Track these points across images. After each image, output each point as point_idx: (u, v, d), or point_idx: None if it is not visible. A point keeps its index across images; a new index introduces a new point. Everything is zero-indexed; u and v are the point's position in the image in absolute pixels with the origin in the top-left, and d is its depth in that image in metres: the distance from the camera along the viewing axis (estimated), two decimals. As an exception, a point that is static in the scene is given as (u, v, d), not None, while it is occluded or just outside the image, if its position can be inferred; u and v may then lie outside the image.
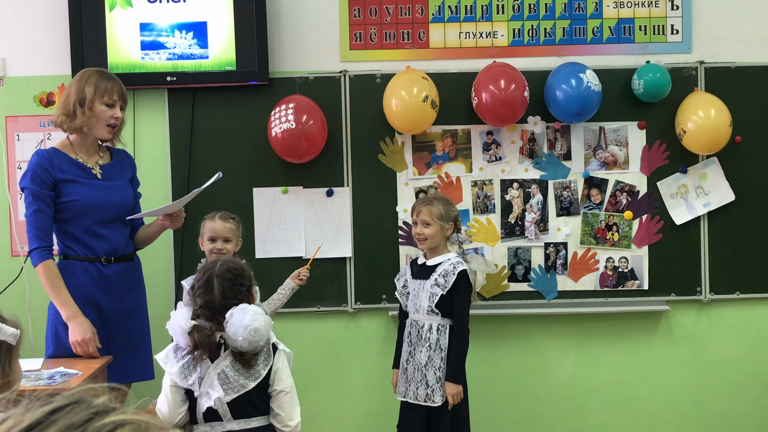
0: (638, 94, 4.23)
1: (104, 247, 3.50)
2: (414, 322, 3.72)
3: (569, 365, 4.43)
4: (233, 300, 2.75)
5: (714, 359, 4.43)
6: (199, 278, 2.82)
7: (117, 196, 3.55)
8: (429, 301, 3.64)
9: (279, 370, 2.77)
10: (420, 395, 3.66)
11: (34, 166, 3.39)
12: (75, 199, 3.42)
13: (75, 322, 3.33)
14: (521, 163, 4.32)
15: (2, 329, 2.19)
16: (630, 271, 4.34)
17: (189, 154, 4.25)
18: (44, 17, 4.24)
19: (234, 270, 2.81)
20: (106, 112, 3.45)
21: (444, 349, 3.64)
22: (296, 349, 4.21)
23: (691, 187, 4.33)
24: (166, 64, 4.18)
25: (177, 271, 4.24)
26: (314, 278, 4.25)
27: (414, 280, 3.76)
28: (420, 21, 4.32)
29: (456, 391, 3.62)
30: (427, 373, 3.64)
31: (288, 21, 4.30)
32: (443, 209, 3.69)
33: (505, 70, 4.13)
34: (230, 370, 2.71)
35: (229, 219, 3.72)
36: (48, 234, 3.39)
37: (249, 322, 2.65)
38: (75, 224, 3.45)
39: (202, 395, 2.70)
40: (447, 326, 3.66)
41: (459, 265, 3.65)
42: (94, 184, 3.48)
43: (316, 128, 4.10)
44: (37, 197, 3.36)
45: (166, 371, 2.76)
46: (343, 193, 4.30)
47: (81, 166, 3.47)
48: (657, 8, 4.34)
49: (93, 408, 0.97)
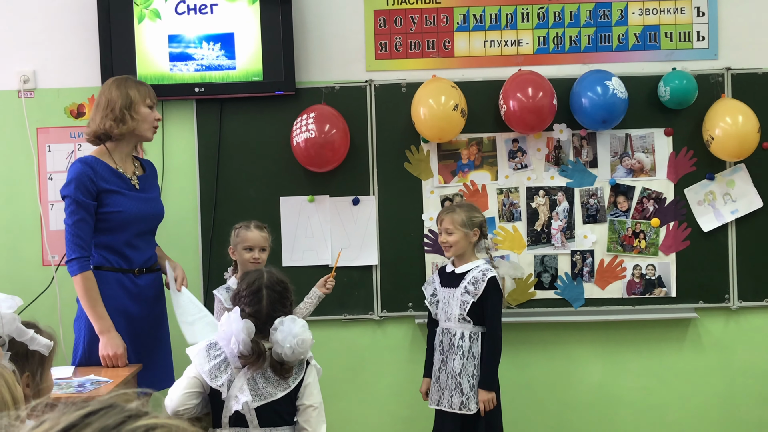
0: (664, 101, 4.22)
1: (139, 259, 3.52)
2: (446, 331, 3.73)
3: (597, 373, 4.42)
4: (280, 312, 2.81)
5: (743, 367, 4.40)
6: (247, 287, 2.84)
7: (155, 209, 3.61)
8: (460, 309, 3.65)
9: (310, 384, 2.80)
10: (455, 403, 3.67)
11: (78, 175, 3.37)
12: (119, 210, 3.43)
13: (107, 337, 3.35)
14: (547, 170, 4.32)
15: (37, 339, 2.23)
16: (657, 278, 4.32)
17: (217, 164, 4.30)
18: (74, 30, 4.31)
19: (282, 283, 2.88)
20: (150, 114, 3.53)
21: (477, 357, 3.65)
22: (323, 357, 4.23)
23: (719, 194, 4.30)
24: (194, 76, 4.23)
25: (205, 280, 4.28)
26: (340, 286, 4.27)
27: (443, 288, 3.77)
28: (445, 30, 4.34)
29: (489, 398, 3.62)
30: (462, 381, 3.65)
31: (314, 31, 4.34)
32: (466, 216, 3.70)
33: (532, 78, 4.14)
34: (260, 377, 2.74)
35: (263, 228, 3.76)
36: (89, 244, 3.40)
37: (298, 332, 2.71)
38: (115, 235, 3.45)
39: (230, 398, 2.73)
40: (479, 334, 3.67)
41: (488, 272, 3.66)
42: (136, 195, 3.51)
43: (338, 137, 4.13)
44: (81, 206, 3.35)
45: (195, 367, 2.78)
46: (369, 202, 4.33)
47: (121, 176, 3.49)
48: (683, 15, 4.33)
49: (126, 412, 1.00)
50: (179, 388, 2.77)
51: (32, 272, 4.29)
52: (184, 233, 4.31)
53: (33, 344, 2.22)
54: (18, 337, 2.20)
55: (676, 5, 4.33)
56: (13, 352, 2.19)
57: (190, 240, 4.29)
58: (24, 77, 4.30)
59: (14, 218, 4.33)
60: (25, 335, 2.20)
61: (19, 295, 2.37)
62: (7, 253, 4.33)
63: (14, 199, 4.33)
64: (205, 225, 4.30)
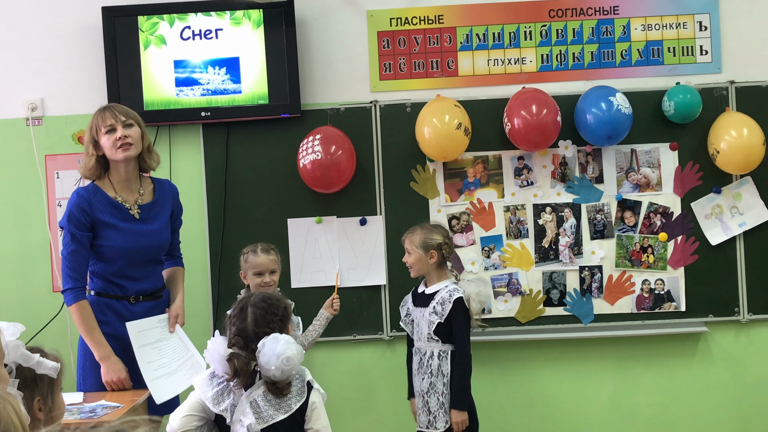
0: (669, 115, 4.23)
1: (135, 287, 3.51)
2: (417, 350, 3.75)
3: (608, 389, 4.40)
4: (265, 328, 2.77)
5: (755, 380, 4.38)
6: (235, 307, 2.87)
7: (153, 241, 3.52)
8: (428, 329, 3.66)
9: (316, 409, 2.78)
10: (422, 422, 3.69)
11: (73, 207, 3.37)
12: (110, 245, 3.41)
13: (108, 363, 3.36)
14: (553, 187, 4.32)
15: (43, 363, 2.23)
16: (666, 293, 4.31)
17: (224, 188, 4.32)
18: (81, 58, 4.35)
19: (268, 299, 2.85)
20: (109, 138, 3.38)
21: (446, 375, 3.65)
22: (333, 378, 4.26)
23: (726, 207, 4.30)
24: (201, 100, 4.26)
25: (215, 302, 4.29)
26: (350, 306, 4.28)
27: (415, 308, 3.80)
28: (448, 50, 4.36)
29: (461, 419, 3.63)
30: (429, 399, 3.65)
31: (318, 54, 4.37)
32: (422, 238, 3.73)
33: (536, 96, 4.15)
34: (262, 399, 2.73)
35: (270, 251, 3.76)
36: (83, 275, 3.41)
37: (281, 350, 2.67)
38: (107, 266, 3.45)
39: (235, 422, 2.73)
40: (449, 352, 3.67)
41: (455, 293, 3.67)
42: (132, 228, 3.46)
43: (344, 158, 4.15)
44: (75, 238, 3.36)
45: (200, 395, 2.78)
46: (377, 222, 4.34)
47: (118, 206, 3.45)
48: (685, 29, 4.34)
49: None
50: (181, 410, 2.78)
51: (42, 299, 4.31)
52: (192, 257, 4.31)
53: (40, 368, 2.23)
54: (24, 363, 2.20)
55: (679, 20, 4.35)
56: (21, 379, 2.20)
57: (198, 263, 4.30)
58: (32, 105, 4.34)
59: (24, 245, 4.36)
60: (31, 360, 2.21)
61: (30, 321, 2.38)
62: (17, 280, 4.35)
63: (23, 226, 4.35)
64: (214, 248, 4.31)
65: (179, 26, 4.25)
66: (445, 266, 3.78)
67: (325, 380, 3.24)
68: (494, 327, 4.32)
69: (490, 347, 4.35)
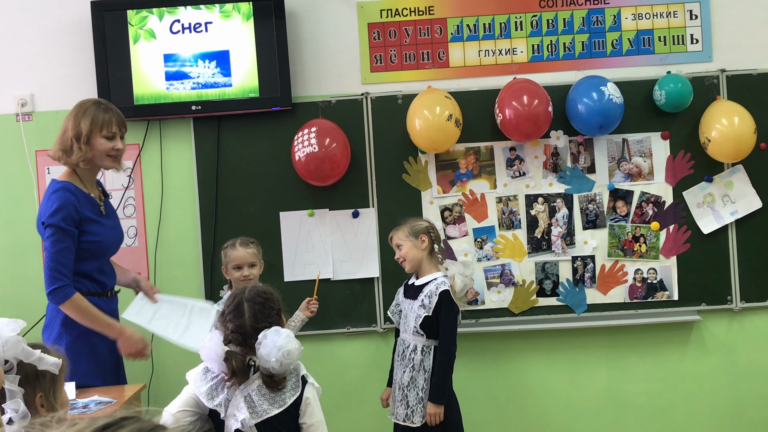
0: (660, 104, 4.23)
1: (110, 283, 3.50)
2: (402, 341, 3.76)
3: (602, 378, 4.41)
4: (264, 323, 2.78)
5: (748, 368, 4.39)
6: (228, 304, 2.85)
7: (120, 234, 3.58)
8: (414, 322, 3.66)
9: (311, 403, 2.78)
10: (399, 415, 3.69)
11: (64, 203, 3.27)
12: (97, 240, 3.37)
13: (124, 338, 3.35)
14: (545, 177, 4.33)
15: (44, 359, 2.24)
16: (659, 282, 4.32)
17: (216, 181, 4.31)
18: (70, 53, 4.33)
19: (263, 294, 2.85)
20: (106, 144, 3.35)
21: (428, 371, 3.65)
22: (327, 371, 4.26)
23: (718, 196, 4.31)
24: (191, 94, 4.25)
25: (206, 296, 4.28)
26: (343, 300, 4.29)
27: (405, 300, 3.80)
28: (439, 41, 4.35)
29: (436, 412, 3.61)
30: (409, 393, 3.66)
31: (309, 46, 4.36)
32: (409, 227, 3.75)
33: (527, 86, 4.15)
34: (256, 394, 2.73)
35: (249, 244, 3.75)
36: (71, 271, 3.31)
37: (283, 343, 2.68)
38: (90, 263, 3.39)
39: (229, 417, 2.73)
40: (432, 348, 3.66)
41: (442, 286, 3.66)
42: (107, 223, 3.45)
43: (339, 151, 4.14)
44: (67, 235, 3.27)
45: (193, 390, 2.78)
46: (369, 214, 4.33)
47: (93, 201, 3.41)
48: (676, 18, 4.34)
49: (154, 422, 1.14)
50: (174, 405, 2.78)
51: (34, 295, 4.28)
52: (184, 251, 4.32)
53: (42, 364, 2.23)
54: (25, 359, 2.21)
55: (669, 9, 4.34)
56: (23, 375, 2.21)
57: (191, 258, 4.30)
58: (22, 101, 4.32)
59: (15, 241, 4.35)
60: (32, 356, 2.22)
61: (23, 317, 2.38)
62: (8, 277, 4.34)
63: (14, 222, 4.34)
64: (206, 242, 4.30)
65: (168, 20, 4.23)
66: (436, 256, 3.78)
67: (319, 373, 3.24)
68: (487, 318, 4.33)
69: (483, 338, 4.36)
